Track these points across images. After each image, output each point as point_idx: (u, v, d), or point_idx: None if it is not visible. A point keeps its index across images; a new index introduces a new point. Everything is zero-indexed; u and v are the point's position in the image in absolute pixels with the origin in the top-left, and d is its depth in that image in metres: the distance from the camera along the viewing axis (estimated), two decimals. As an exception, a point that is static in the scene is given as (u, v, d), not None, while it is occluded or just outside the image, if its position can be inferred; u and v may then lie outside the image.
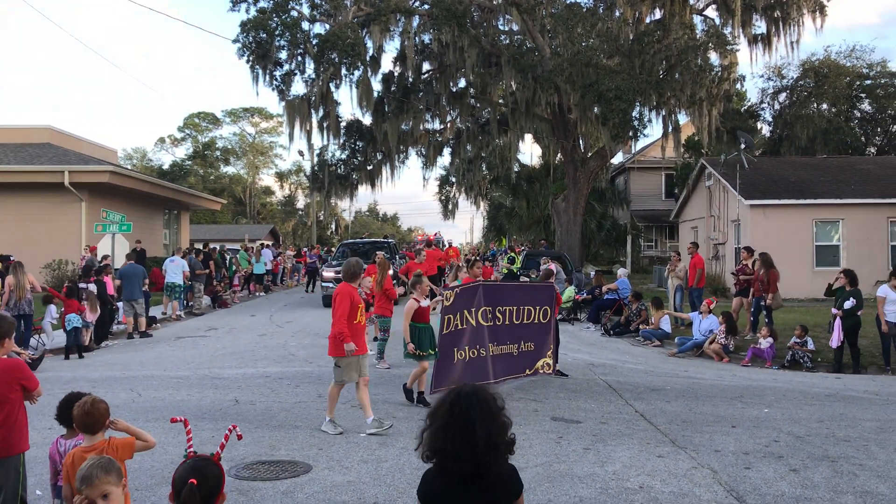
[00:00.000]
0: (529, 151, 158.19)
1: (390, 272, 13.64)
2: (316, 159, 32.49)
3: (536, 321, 10.78)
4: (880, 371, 13.03)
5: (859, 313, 13.02)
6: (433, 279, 25.72)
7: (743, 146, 25.33)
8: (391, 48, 38.96)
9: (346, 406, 9.31)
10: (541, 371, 10.94)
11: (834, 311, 13.08)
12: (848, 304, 12.88)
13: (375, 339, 12.80)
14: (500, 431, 2.86)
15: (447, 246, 31.86)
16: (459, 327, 9.64)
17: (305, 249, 40.94)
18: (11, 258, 16.56)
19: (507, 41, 29.00)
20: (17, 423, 4.93)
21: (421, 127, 30.56)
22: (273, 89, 27.28)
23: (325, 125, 28.84)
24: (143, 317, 17.19)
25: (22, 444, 4.98)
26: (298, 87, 48.63)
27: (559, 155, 34.79)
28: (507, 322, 10.34)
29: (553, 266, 20.63)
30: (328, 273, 23.66)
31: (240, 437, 3.74)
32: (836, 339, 13.06)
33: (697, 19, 28.49)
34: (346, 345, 7.92)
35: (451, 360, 9.48)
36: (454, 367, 9.44)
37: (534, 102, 28.05)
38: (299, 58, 26.79)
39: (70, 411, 4.60)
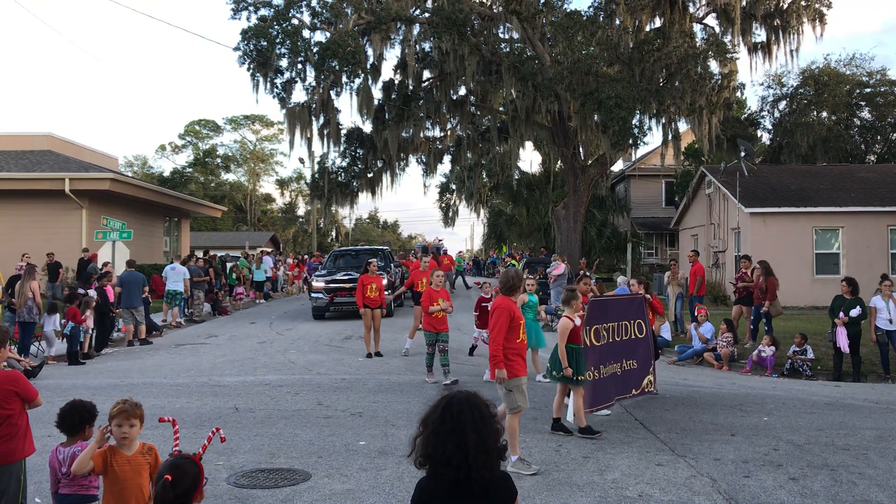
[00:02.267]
0: (530, 159, 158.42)
1: (435, 282, 12.13)
2: (316, 167, 32.59)
3: (633, 336, 10.14)
4: (879, 379, 13.02)
5: (862, 322, 13.03)
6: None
7: (743, 154, 25.39)
8: (392, 56, 39.32)
9: (346, 414, 9.31)
10: (646, 390, 10.28)
11: (842, 315, 12.98)
12: (855, 312, 12.86)
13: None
14: (492, 437, 2.89)
15: (442, 254, 31.51)
16: (587, 345, 9.01)
17: (306, 256, 40.95)
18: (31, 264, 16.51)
19: (508, 49, 29.11)
20: (19, 432, 4.93)
21: (421, 134, 30.64)
22: (274, 97, 27.39)
23: (325, 133, 28.91)
24: (142, 324, 17.21)
25: (25, 451, 4.98)
26: (299, 95, 48.61)
27: (559, 162, 34.88)
28: (610, 340, 9.66)
29: (562, 266, 20.81)
30: (318, 283, 21.88)
31: (223, 440, 3.80)
32: (844, 343, 12.94)
33: (697, 28, 28.62)
34: (497, 370, 7.02)
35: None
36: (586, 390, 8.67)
37: (534, 110, 28.14)
38: (300, 66, 26.89)
39: (66, 417, 4.62)
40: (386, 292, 20.12)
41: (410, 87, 28.98)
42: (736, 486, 6.51)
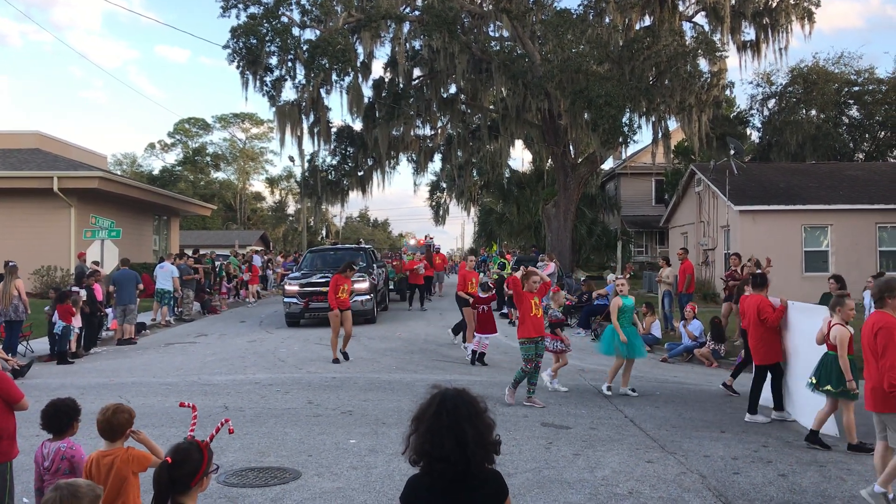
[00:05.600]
0: (520, 157, 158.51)
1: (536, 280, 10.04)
2: (307, 165, 32.51)
3: None
4: (868, 376, 13.06)
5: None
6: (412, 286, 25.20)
7: (732, 152, 25.47)
8: (382, 54, 39.10)
9: (336, 412, 9.29)
10: None
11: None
12: None
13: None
14: (487, 431, 2.89)
15: (434, 252, 31.17)
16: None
17: (294, 254, 40.84)
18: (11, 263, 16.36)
19: (498, 47, 29.09)
20: (5, 434, 4.88)
21: (412, 133, 30.60)
22: (263, 95, 27.33)
23: (315, 131, 28.85)
24: (131, 324, 17.12)
25: (10, 453, 4.93)
26: (289, 93, 48.18)
27: (550, 161, 34.89)
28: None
29: (552, 265, 20.81)
30: (291, 287, 19.63)
31: (231, 432, 3.78)
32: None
33: (687, 26, 28.72)
34: None
35: None
36: None
37: (524, 108, 28.14)
38: (290, 64, 26.83)
39: (53, 418, 4.57)
40: (367, 296, 19.28)
41: (401, 86, 28.94)
42: (725, 483, 6.53)
